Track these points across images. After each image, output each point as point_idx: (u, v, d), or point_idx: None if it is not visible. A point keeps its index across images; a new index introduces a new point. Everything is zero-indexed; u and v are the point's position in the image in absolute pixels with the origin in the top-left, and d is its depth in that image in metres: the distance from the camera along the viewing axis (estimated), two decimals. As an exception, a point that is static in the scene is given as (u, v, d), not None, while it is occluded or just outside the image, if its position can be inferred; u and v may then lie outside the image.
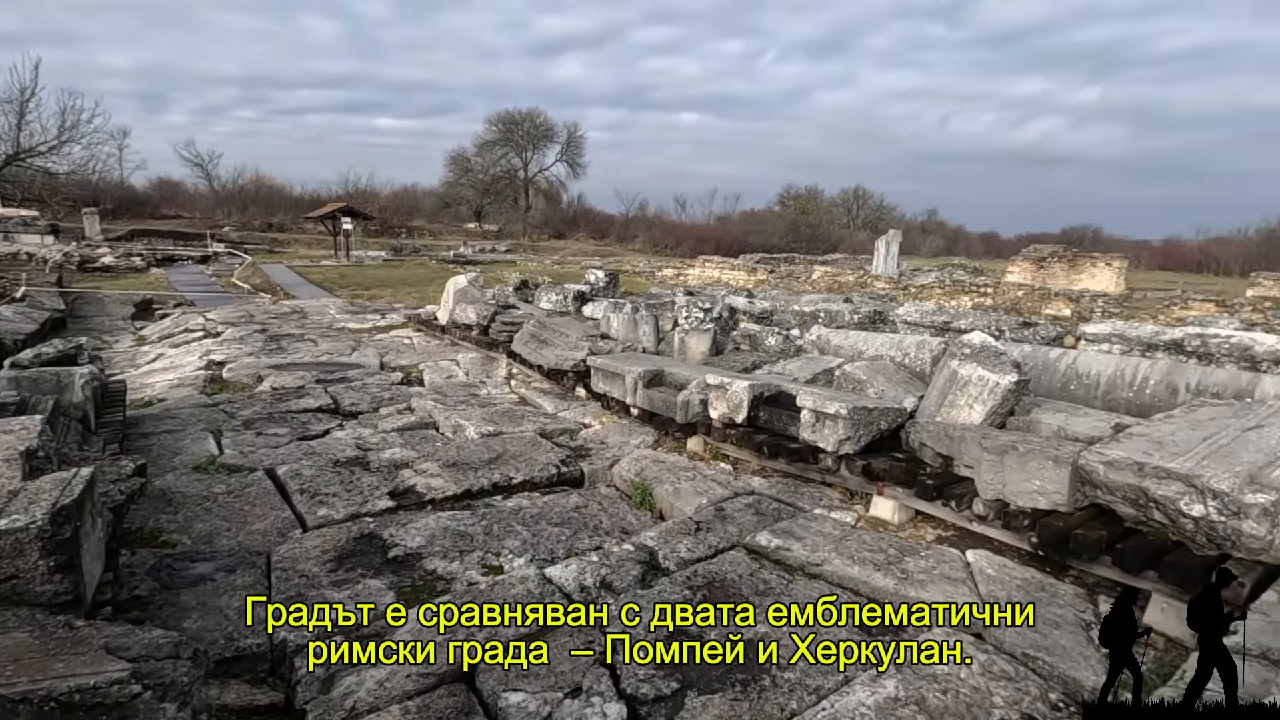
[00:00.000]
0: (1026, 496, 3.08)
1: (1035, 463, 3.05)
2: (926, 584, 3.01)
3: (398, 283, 18.89)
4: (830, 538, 3.45)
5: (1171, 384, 5.14)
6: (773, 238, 48.74)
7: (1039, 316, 15.22)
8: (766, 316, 9.41)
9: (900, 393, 4.51)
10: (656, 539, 3.51)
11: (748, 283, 22.39)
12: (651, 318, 7.08)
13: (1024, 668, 2.53)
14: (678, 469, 4.49)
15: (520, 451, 4.70)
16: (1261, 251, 45.11)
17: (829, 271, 22.45)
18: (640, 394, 5.30)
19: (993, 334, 6.84)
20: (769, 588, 3.05)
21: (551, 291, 11.77)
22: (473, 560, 3.31)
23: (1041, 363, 5.81)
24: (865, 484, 3.91)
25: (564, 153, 54.31)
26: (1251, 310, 14.84)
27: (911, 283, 18.93)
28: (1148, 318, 14.49)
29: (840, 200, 68.62)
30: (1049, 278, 22.03)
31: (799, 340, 7.86)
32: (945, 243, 65.04)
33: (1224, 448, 2.84)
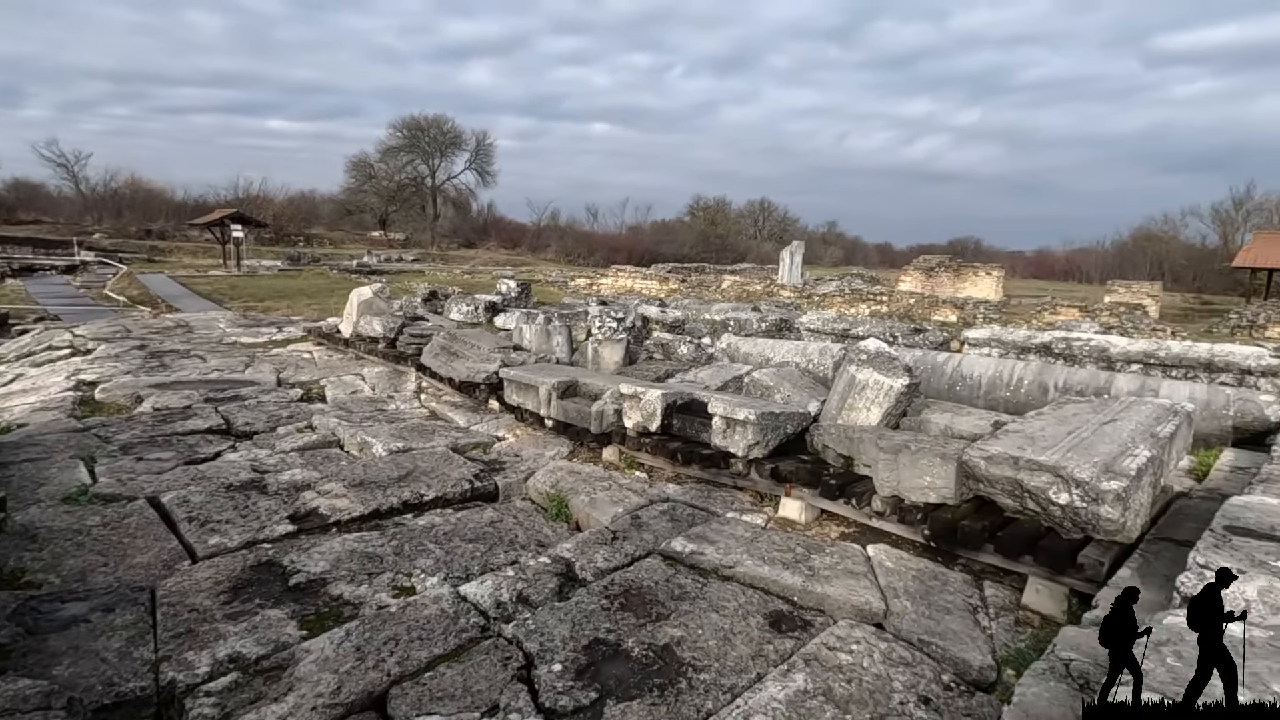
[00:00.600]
0: (919, 492, 3.30)
1: (925, 460, 3.27)
2: (832, 579, 3.16)
3: (295, 294, 17.92)
4: (742, 540, 3.56)
5: (1043, 383, 5.65)
6: (684, 247, 49.73)
7: (929, 322, 16.30)
8: (679, 325, 9.60)
9: (805, 397, 4.72)
10: (573, 550, 3.50)
11: (660, 292, 22.73)
12: (565, 328, 7.07)
13: (920, 653, 2.71)
14: (594, 479, 4.50)
15: (432, 468, 4.58)
16: (1116, 261, 50.18)
17: (738, 281, 23.14)
18: (554, 405, 5.28)
19: (887, 340, 7.28)
20: (684, 592, 3.11)
21: (462, 302, 11.52)
22: (383, 582, 3.19)
23: (931, 366, 6.24)
24: (774, 486, 4.06)
25: (473, 160, 53.39)
26: (1109, 314, 16.48)
27: (814, 291, 19.81)
28: (1023, 322, 15.82)
29: (747, 212, 70.89)
30: (937, 286, 23.61)
31: (710, 348, 8.06)
32: (844, 253, 68.47)
33: (1085, 440, 3.15)
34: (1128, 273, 39.51)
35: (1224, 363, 5.28)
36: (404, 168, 51.14)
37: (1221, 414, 4.81)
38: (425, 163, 51.72)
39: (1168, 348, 5.60)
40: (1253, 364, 5.16)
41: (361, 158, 51.21)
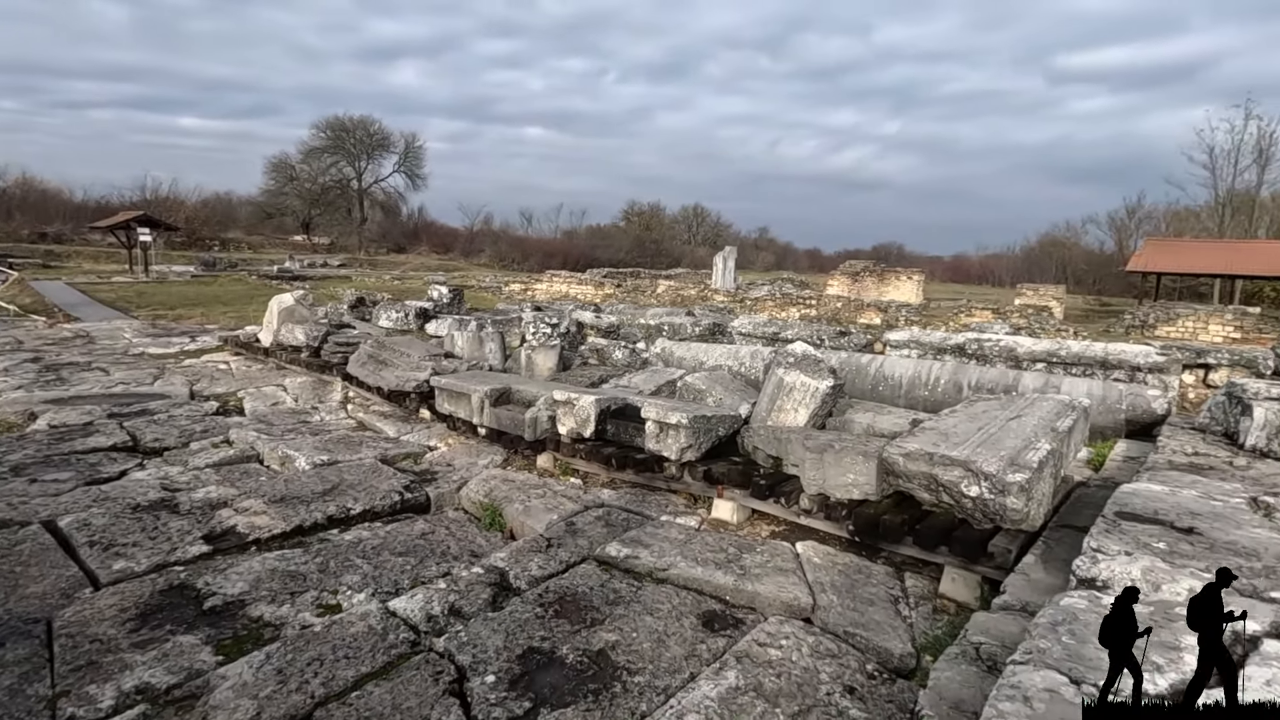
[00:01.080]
0: (843, 489, 3.43)
1: (849, 458, 3.40)
2: (762, 577, 3.24)
3: (210, 301, 17.01)
4: (676, 542, 3.61)
5: (957, 382, 5.96)
6: (619, 252, 49.89)
7: (855, 325, 16.92)
8: (613, 331, 9.63)
9: (736, 400, 4.82)
10: (507, 559, 3.47)
11: (595, 297, 22.72)
12: (498, 335, 6.99)
13: (845, 644, 2.81)
14: (528, 487, 4.47)
15: (359, 480, 4.44)
16: (1025, 266, 53.37)
17: (673, 286, 23.39)
18: (487, 413, 5.21)
19: (814, 343, 7.52)
20: (619, 596, 3.13)
21: (391, 309, 11.22)
22: (306, 601, 3.08)
23: (855, 367, 6.48)
24: (707, 488, 4.13)
25: (402, 163, 52.02)
26: (1018, 316, 17.52)
27: (747, 296, 20.24)
28: (941, 324, 16.62)
29: (681, 217, 71.77)
30: (863, 290, 24.53)
31: (645, 353, 8.13)
32: (776, 258, 70.19)
33: (993, 436, 3.35)
34: (1036, 276, 42.10)
35: (1117, 361, 5.71)
36: (328, 169, 49.31)
37: (1115, 408, 5.19)
38: (351, 165, 50.03)
39: (1068, 347, 6.00)
40: (1141, 362, 5.60)
41: (282, 159, 49.13)
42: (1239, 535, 2.47)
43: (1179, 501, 2.83)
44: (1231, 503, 2.86)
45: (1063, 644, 1.77)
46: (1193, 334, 16.48)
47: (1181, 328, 16.79)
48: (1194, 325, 16.75)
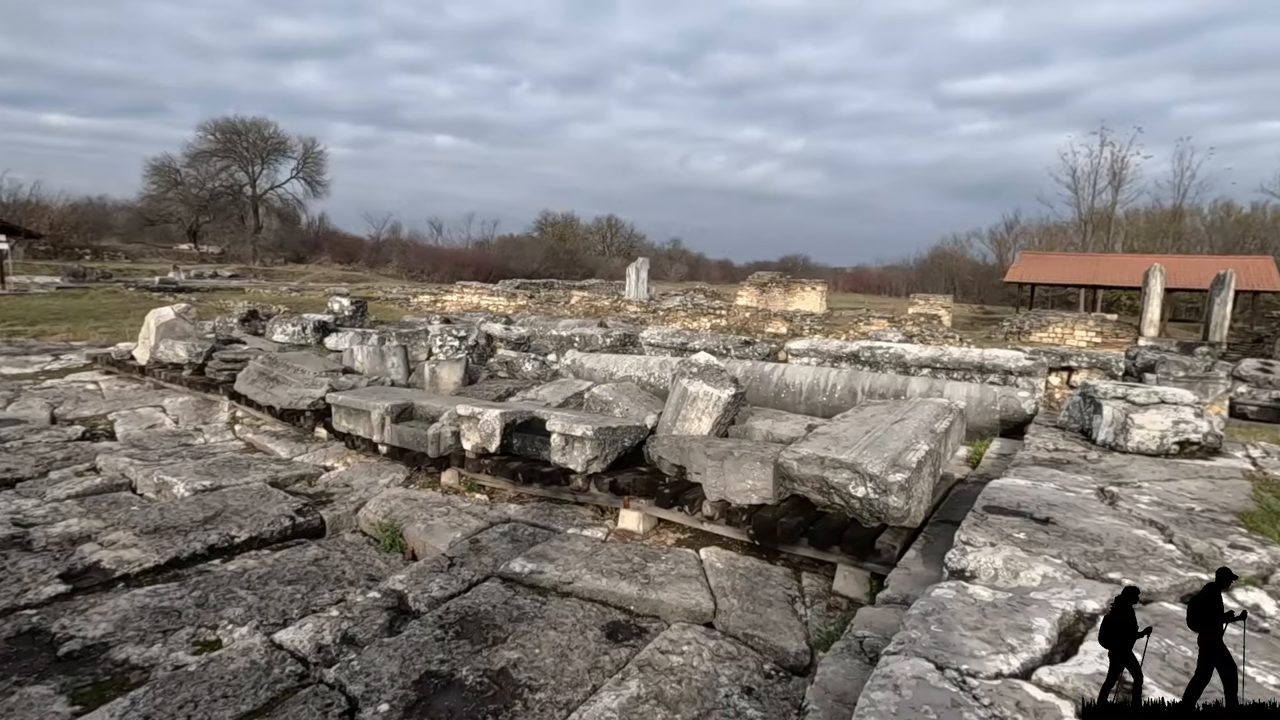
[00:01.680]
0: (742, 495, 3.54)
1: (748, 465, 3.51)
2: (666, 585, 3.29)
3: (79, 315, 15.55)
4: (582, 555, 3.60)
5: (852, 388, 6.27)
6: (533, 263, 49.43)
7: (762, 334, 17.50)
8: (524, 343, 9.53)
9: (643, 411, 4.88)
10: (406, 581, 3.36)
11: (508, 308, 22.41)
12: (401, 349, 6.77)
13: (744, 646, 2.90)
14: (431, 505, 4.34)
15: (245, 505, 4.18)
16: (918, 277, 56.92)
17: (586, 296, 23.40)
18: (388, 430, 5.03)
19: (720, 353, 7.72)
20: (522, 613, 3.09)
21: (287, 322, 10.65)
22: (180, 639, 2.86)
23: (759, 375, 6.70)
24: (613, 499, 4.15)
25: (301, 169, 49.53)
26: (911, 324, 18.63)
27: (660, 306, 20.52)
28: (842, 333, 17.44)
29: (595, 228, 72.00)
30: (770, 300, 25.40)
31: (555, 365, 8.09)
32: (689, 269, 71.60)
33: (879, 439, 3.55)
34: (928, 286, 44.97)
35: (992, 365, 6.18)
36: (218, 174, 46.25)
37: (991, 409, 5.61)
38: (244, 170, 47.15)
39: (949, 354, 6.45)
40: (1013, 366, 6.09)
41: (165, 161, 45.61)
42: (1087, 523, 2.72)
43: (1039, 494, 3.09)
44: (1083, 494, 3.15)
45: (931, 633, 1.90)
46: (1062, 339, 18.07)
47: (1052, 333, 18.37)
48: (1063, 331, 18.37)
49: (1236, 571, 2.36)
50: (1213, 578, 2.38)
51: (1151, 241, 40.25)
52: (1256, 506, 3.07)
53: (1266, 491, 3.31)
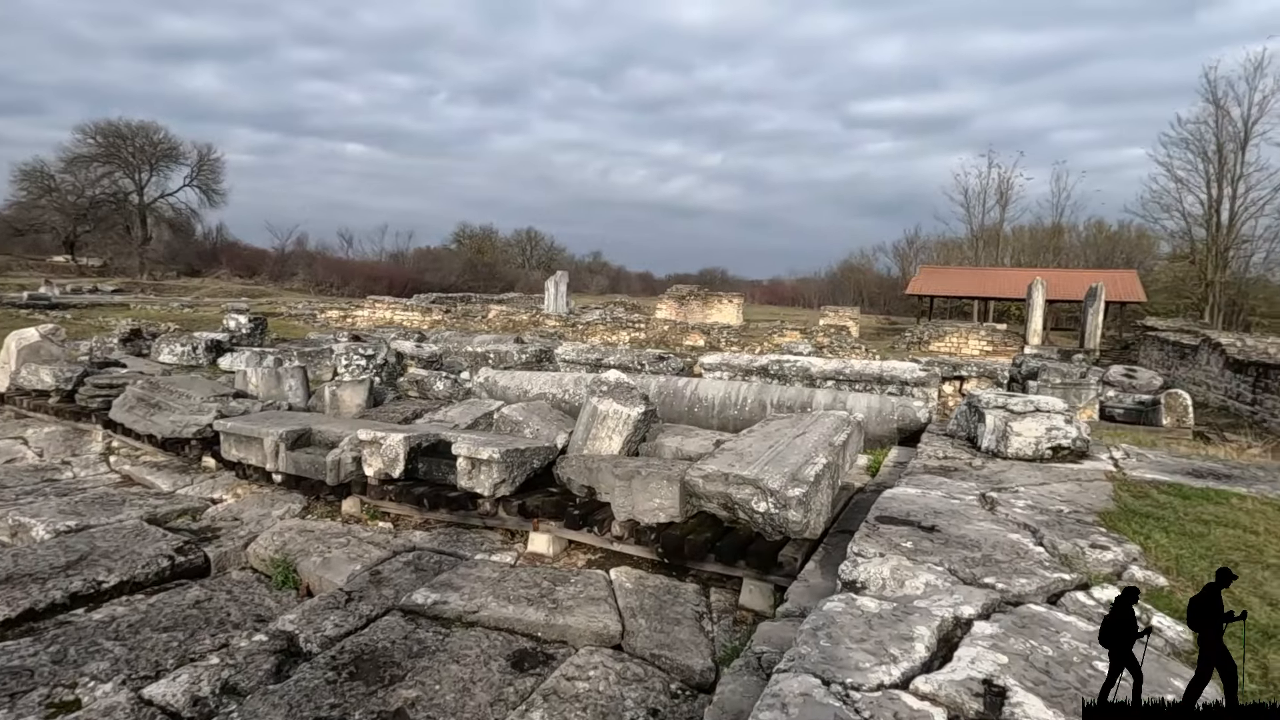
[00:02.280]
0: (651, 514, 3.55)
1: (655, 483, 3.53)
2: (574, 609, 3.25)
3: (-70, 336, 13.93)
4: (489, 581, 3.51)
5: (762, 401, 6.45)
6: (450, 276, 48.31)
7: (681, 347, 17.76)
8: (436, 360, 9.27)
9: (553, 430, 4.83)
10: (298, 620, 3.17)
11: (423, 324, 21.78)
12: (300, 370, 6.43)
13: (652, 667, 2.90)
14: (329, 536, 4.13)
15: (116, 546, 3.84)
16: (829, 289, 59.39)
17: (505, 310, 23.06)
18: (283, 457, 4.76)
19: (635, 368, 7.77)
20: (424, 647, 2.98)
21: (176, 342, 9.94)
22: (31, 703, 2.58)
23: (673, 390, 6.78)
24: (523, 522, 4.08)
25: (195, 176, 46.49)
26: (822, 335, 19.38)
27: (579, 320, 20.47)
28: (757, 344, 17.94)
29: (515, 240, 71.19)
30: (689, 313, 25.84)
31: (468, 383, 7.91)
32: (610, 281, 71.90)
33: (781, 453, 3.65)
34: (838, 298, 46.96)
35: (890, 377, 6.50)
36: (99, 181, 42.72)
37: (889, 418, 5.89)
38: (130, 176, 43.78)
39: (851, 366, 6.74)
40: (909, 377, 6.43)
41: (37, 165, 41.76)
42: (968, 529, 2.89)
43: (927, 503, 3.26)
44: (966, 500, 3.35)
45: (820, 647, 1.95)
46: (957, 348, 19.26)
47: (949, 342, 19.55)
48: (958, 340, 19.58)
49: (1094, 570, 2.56)
50: (1076, 578, 2.58)
51: (1035, 256, 43.65)
52: (1115, 506, 3.35)
53: (1124, 491, 3.62)
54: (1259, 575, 2.63)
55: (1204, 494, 3.60)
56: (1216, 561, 2.75)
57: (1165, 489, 3.69)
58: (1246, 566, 2.72)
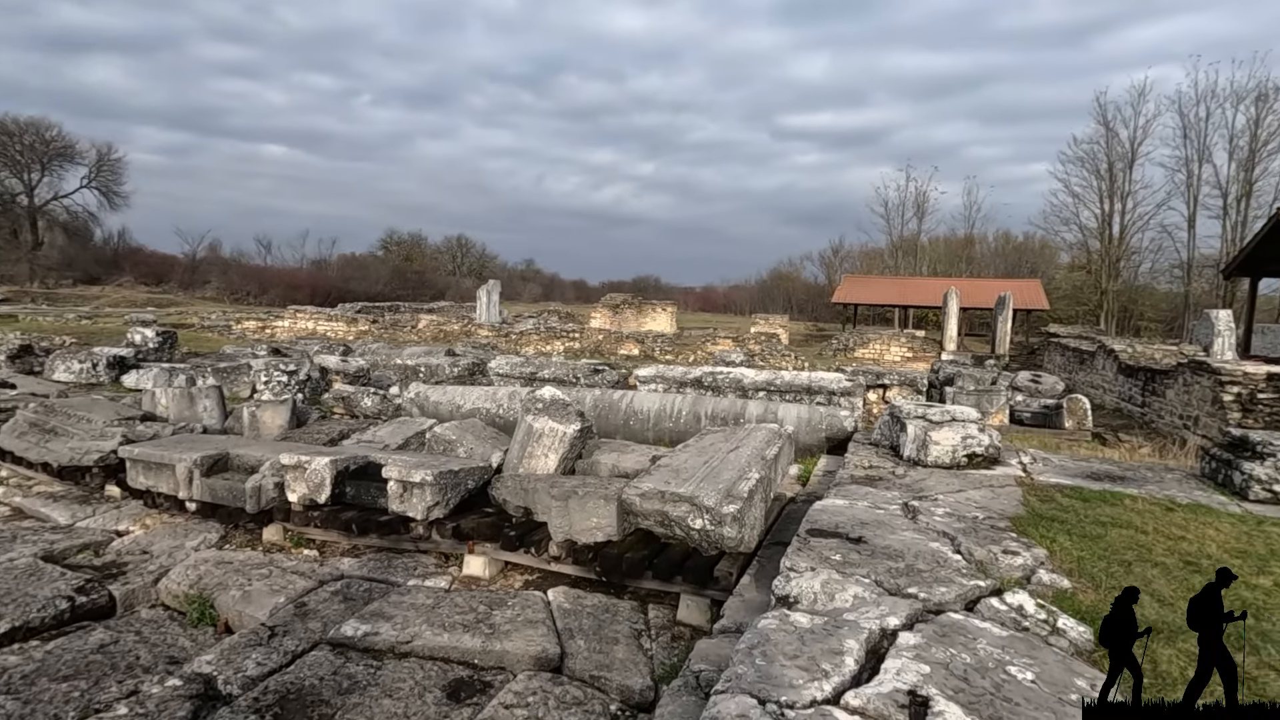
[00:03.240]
0: (588, 533, 3.55)
1: (592, 503, 3.54)
2: (512, 633, 3.21)
3: None
4: (423, 609, 3.42)
5: (697, 413, 6.55)
6: (377, 284, 46.84)
7: (615, 356, 17.81)
8: (364, 375, 8.97)
9: (488, 449, 4.76)
10: (216, 661, 3.00)
11: (348, 335, 21.02)
12: (215, 389, 6.09)
13: (591, 689, 2.89)
14: (249, 567, 3.93)
15: (7, 589, 3.54)
16: (760, 296, 60.83)
17: (435, 320, 22.53)
18: (198, 484, 4.50)
19: (570, 381, 7.75)
20: (355, 683, 2.88)
21: (74, 358, 9.25)
22: (-92, 770, 2.35)
23: (608, 404, 6.80)
24: (457, 545, 4.00)
25: (94, 177, 43.45)
26: (754, 343, 19.83)
27: (513, 330, 20.22)
28: (691, 353, 18.19)
29: (445, 248, 69.76)
30: (623, 322, 25.95)
31: (398, 399, 7.69)
32: (543, 289, 71.31)
33: (715, 469, 3.72)
34: (768, 306, 48.20)
35: (819, 387, 6.73)
36: (-18, 181, 39.35)
37: (818, 428, 6.09)
38: (18, 176, 40.53)
39: (782, 377, 6.94)
40: (835, 387, 6.68)
41: (-95, 163, 38.08)
42: (893, 540, 3.03)
43: (855, 513, 3.39)
44: (891, 510, 3.50)
45: (756, 666, 2.00)
46: (880, 355, 20.09)
47: (872, 349, 20.37)
48: (880, 347, 20.43)
49: (1007, 575, 2.73)
50: (990, 584, 2.74)
51: (950, 265, 46.06)
52: (1025, 511, 3.58)
53: (1033, 496, 3.87)
54: (1148, 573, 2.87)
55: (1101, 496, 3.90)
56: (1113, 561, 2.99)
57: (1068, 492, 3.97)
58: (1138, 565, 2.95)
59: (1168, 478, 4.45)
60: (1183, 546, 3.18)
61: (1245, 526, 3.52)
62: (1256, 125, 31.74)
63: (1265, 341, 15.14)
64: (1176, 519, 3.57)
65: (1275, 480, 3.86)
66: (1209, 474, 4.40)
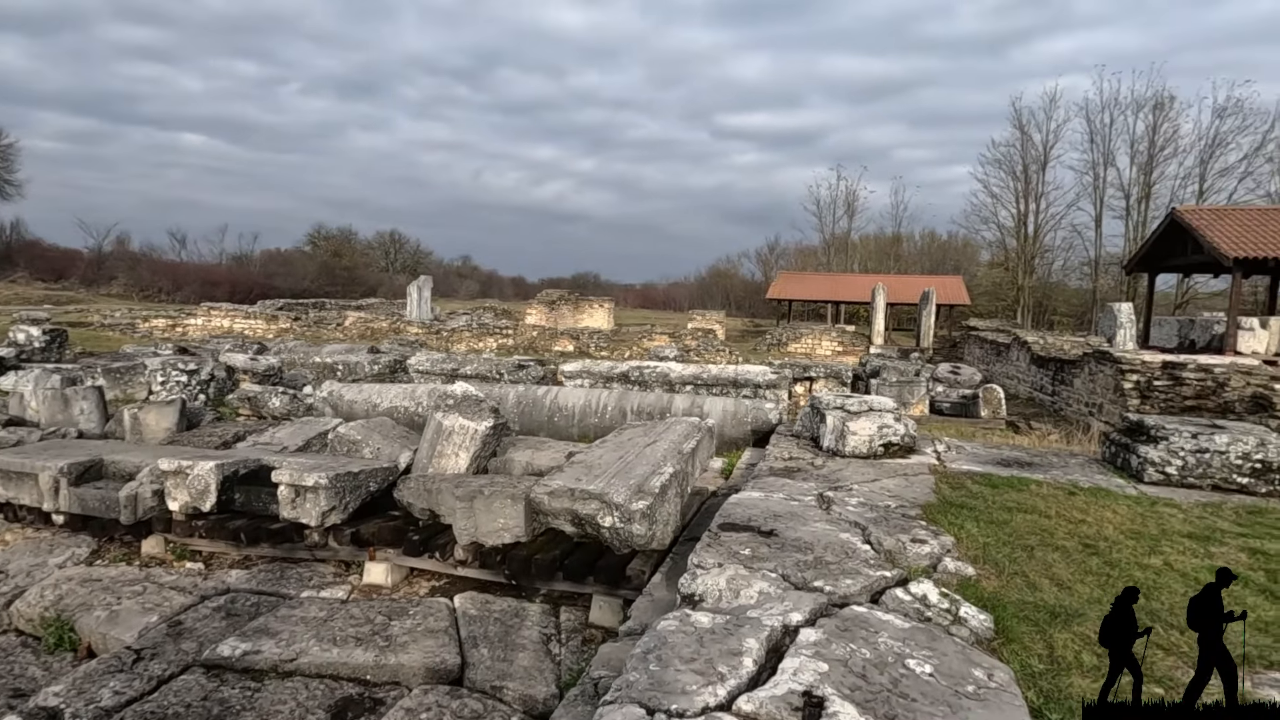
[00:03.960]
0: (495, 535, 3.37)
1: (499, 503, 3.35)
2: (409, 645, 3.00)
3: None
4: (314, 622, 3.17)
5: (623, 408, 6.42)
6: (303, 281, 44.89)
7: (550, 353, 17.53)
8: (275, 374, 8.46)
9: (397, 449, 4.50)
10: (66, 691, 2.68)
11: (268, 333, 19.98)
12: (94, 390, 5.57)
13: (492, 700, 2.72)
14: (120, 584, 3.57)
15: None
16: (699, 293, 61.34)
17: (363, 318, 21.68)
18: (66, 495, 4.08)
19: (494, 378, 7.50)
20: (227, 708, 2.62)
21: (-61, 360, 8.39)
22: None
23: (532, 400, 6.59)
24: (357, 552, 3.75)
25: (-20, 164, 39.91)
26: (690, 338, 19.89)
27: (444, 327, 19.65)
28: (627, 349, 18.08)
29: (377, 243, 67.48)
30: (559, 318, 25.63)
31: (310, 398, 7.27)
32: (481, 286, 69.93)
33: (630, 464, 3.60)
34: (707, 302, 48.60)
35: (744, 380, 6.71)
36: None
37: (744, 421, 6.06)
38: (-109, 162, 36.86)
39: (709, 371, 6.89)
40: (761, 380, 6.67)
41: None
42: (804, 531, 2.97)
43: (769, 506, 3.32)
44: (806, 501, 3.46)
45: (649, 672, 1.88)
46: (812, 349, 20.48)
47: (805, 344, 20.75)
48: (813, 342, 20.84)
49: (914, 564, 2.70)
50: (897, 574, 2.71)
51: (879, 263, 47.55)
52: (936, 498, 3.60)
53: (944, 483, 3.91)
54: (1049, 557, 2.91)
55: (1009, 482, 3.98)
56: (1017, 547, 3.02)
57: (978, 479, 4.03)
58: (1040, 550, 2.99)
59: (1072, 463, 4.59)
60: (1082, 530, 3.24)
61: (1140, 508, 3.64)
62: (1154, 131, 33.98)
63: (1163, 333, 16.19)
64: (1078, 503, 3.66)
65: (1167, 462, 4.01)
66: (1109, 458, 4.56)
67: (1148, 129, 34.11)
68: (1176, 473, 3.99)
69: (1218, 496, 3.83)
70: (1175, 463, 3.99)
